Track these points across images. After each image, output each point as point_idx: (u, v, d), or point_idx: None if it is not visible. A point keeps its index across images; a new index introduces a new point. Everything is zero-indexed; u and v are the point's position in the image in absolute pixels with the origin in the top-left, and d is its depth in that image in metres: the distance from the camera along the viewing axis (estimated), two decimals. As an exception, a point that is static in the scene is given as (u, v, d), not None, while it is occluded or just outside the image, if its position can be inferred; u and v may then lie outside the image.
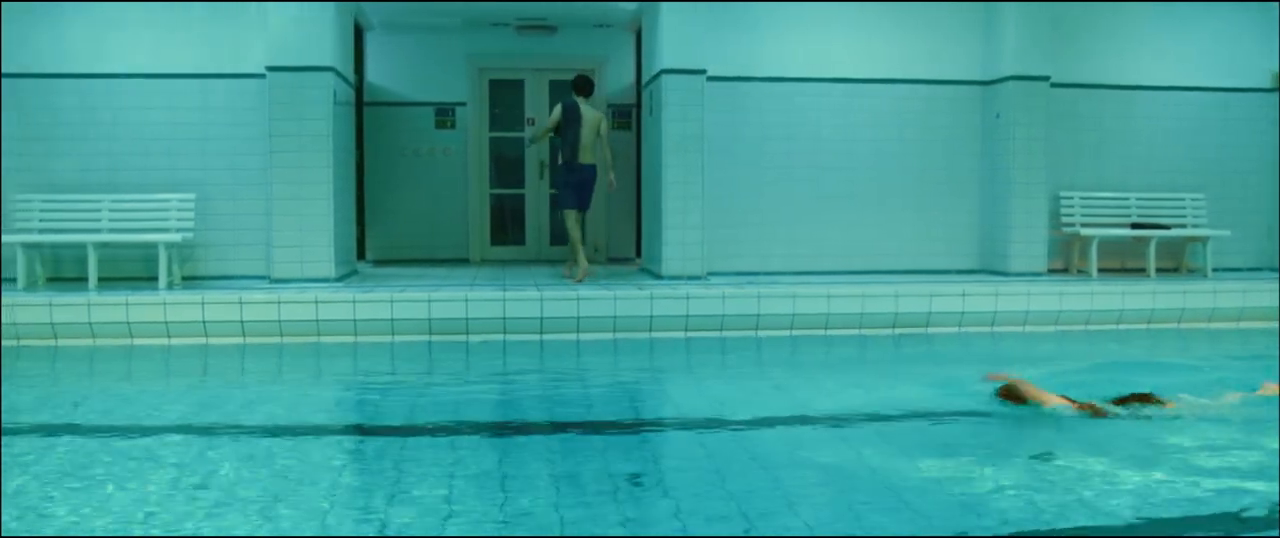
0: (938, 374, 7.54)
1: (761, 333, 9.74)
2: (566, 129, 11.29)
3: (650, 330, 9.60)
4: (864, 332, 9.83)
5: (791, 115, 11.93)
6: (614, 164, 11.87)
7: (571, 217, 11.53)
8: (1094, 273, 11.68)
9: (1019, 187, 11.65)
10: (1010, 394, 6.20)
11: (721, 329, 9.71)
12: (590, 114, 11.31)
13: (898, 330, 9.89)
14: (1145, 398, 6.11)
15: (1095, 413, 5.92)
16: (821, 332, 9.79)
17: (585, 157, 11.33)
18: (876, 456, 5.25)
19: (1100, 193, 12.23)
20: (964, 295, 10.10)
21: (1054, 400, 6.05)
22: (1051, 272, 11.89)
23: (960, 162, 12.15)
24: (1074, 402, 6.05)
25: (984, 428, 5.92)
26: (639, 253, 13.52)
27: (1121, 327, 10.25)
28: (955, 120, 12.13)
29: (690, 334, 9.63)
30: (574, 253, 11.43)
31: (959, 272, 11.99)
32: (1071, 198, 12.11)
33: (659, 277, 11.15)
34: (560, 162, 11.47)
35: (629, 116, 14.15)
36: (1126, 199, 12.21)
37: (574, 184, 11.43)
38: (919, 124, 12.09)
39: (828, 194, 12.00)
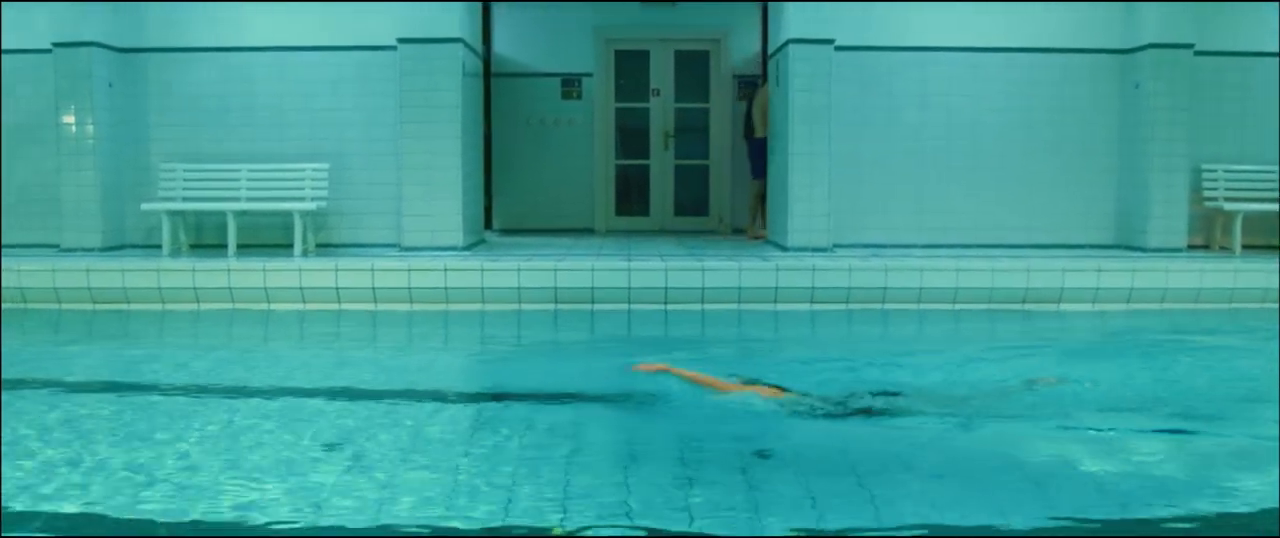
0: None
1: (888, 306, 9.60)
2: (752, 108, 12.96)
3: (775, 302, 9.54)
4: (993, 307, 9.63)
5: (921, 85, 11.71)
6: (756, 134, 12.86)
7: (754, 185, 13.00)
8: (1237, 250, 11.26)
9: (1158, 159, 11.28)
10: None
11: (847, 302, 9.60)
12: (762, 94, 12.59)
13: (1028, 306, 9.66)
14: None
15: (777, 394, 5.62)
16: (949, 306, 9.62)
17: (758, 131, 12.60)
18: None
19: (1245, 166, 11.76)
20: (1099, 271, 9.81)
21: (726, 387, 5.72)
22: (1191, 248, 11.49)
23: (1096, 133, 11.80)
24: (763, 387, 5.70)
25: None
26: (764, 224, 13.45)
27: (1267, 305, 9.84)
28: (1092, 90, 11.77)
29: (815, 306, 9.55)
30: (751, 215, 13.12)
31: (1093, 247, 11.67)
32: (1214, 171, 11.67)
33: (784, 248, 11.08)
34: None
35: (754, 87, 14.05)
36: (1273, 172, 11.71)
37: (749, 155, 13.00)
38: (1053, 94, 11.76)
39: (958, 166, 11.77)
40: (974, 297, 9.67)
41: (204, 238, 11.51)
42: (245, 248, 10.99)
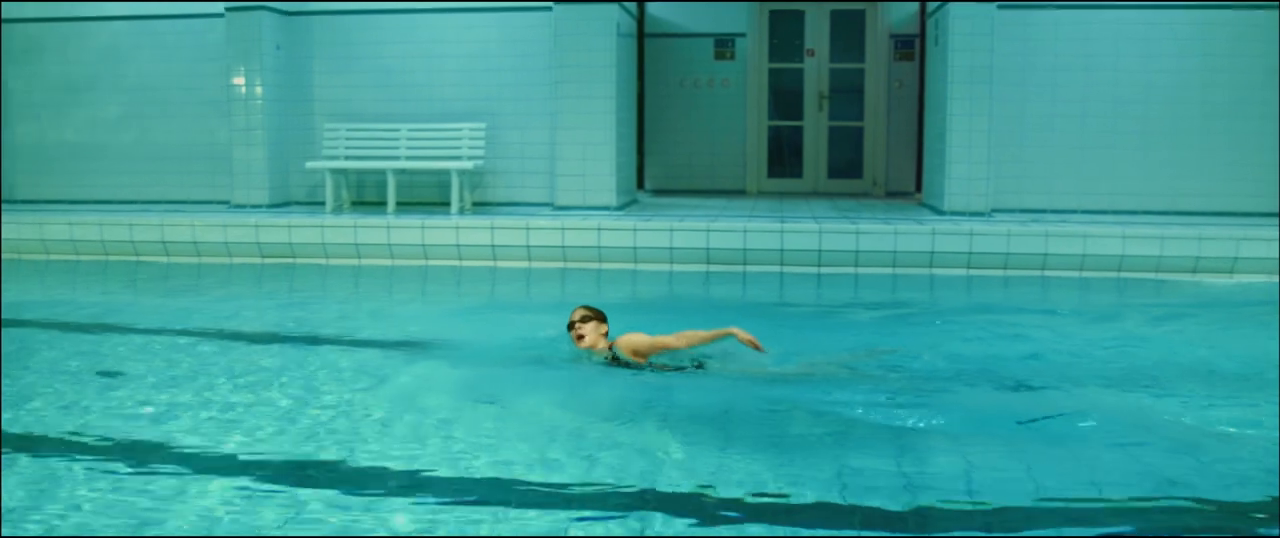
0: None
1: (1048, 273, 9.34)
2: None
3: (930, 267, 9.38)
4: (1161, 276, 9.28)
5: (1086, 44, 11.28)
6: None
7: None
8: None
9: (1344, 122, 10.68)
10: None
11: (1005, 268, 9.37)
12: None
13: (1198, 276, 9.28)
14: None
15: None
16: (1114, 274, 9.30)
17: None
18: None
19: None
20: (1275, 241, 9.35)
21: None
22: (1377, 216, 10.87)
23: (1275, 94, 11.20)
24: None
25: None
26: (918, 187, 13.20)
27: None
28: (1269, 48, 11.17)
29: (972, 272, 9.35)
30: None
31: (1268, 215, 11.11)
32: (1405, 135, 11.00)
33: (941, 212, 10.85)
34: None
35: (912, 47, 13.77)
36: None
37: None
38: (1228, 53, 11.18)
39: (1124, 129, 11.32)
40: (1140, 265, 9.33)
41: (364, 195, 11.82)
42: (403, 205, 11.25)
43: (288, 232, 9.97)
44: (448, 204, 11.15)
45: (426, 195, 11.69)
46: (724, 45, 14.04)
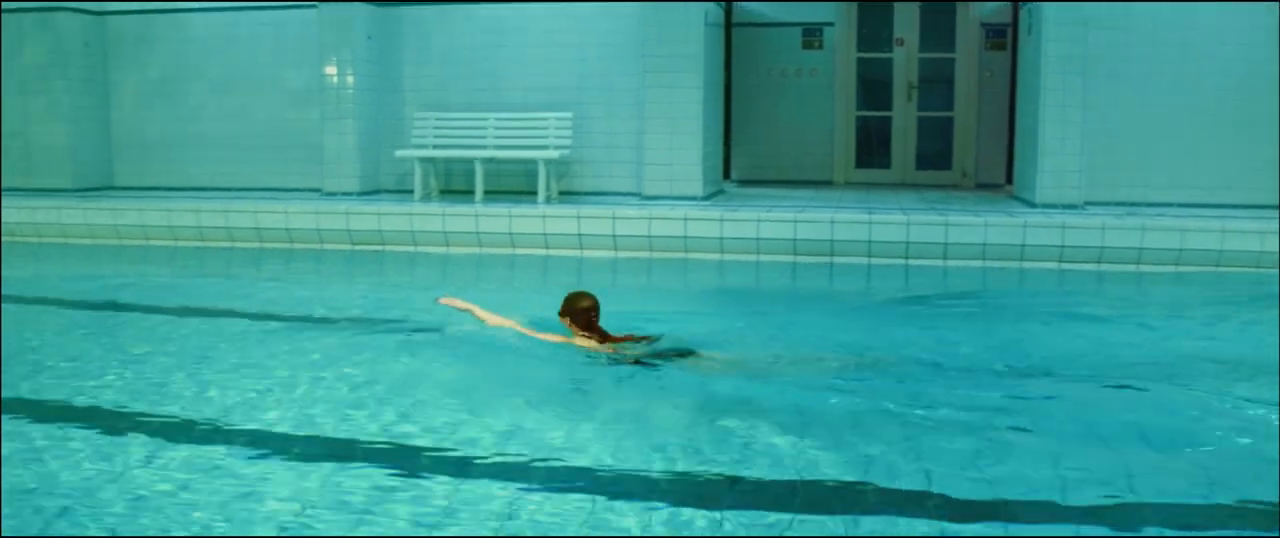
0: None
1: (1143, 268, 9.15)
2: None
3: (1021, 260, 9.24)
4: (1261, 270, 9.04)
5: (1186, 33, 10.99)
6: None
7: None
8: None
9: None
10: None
11: (1099, 262, 9.20)
12: None
13: (1301, 270, 9.03)
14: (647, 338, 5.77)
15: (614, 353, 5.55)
16: (1213, 269, 9.08)
17: None
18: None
19: None
20: (1386, 236, 9.06)
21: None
22: None
23: (1387, 85, 10.83)
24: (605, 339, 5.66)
25: None
26: (1009, 179, 12.98)
27: None
28: (1382, 38, 10.81)
29: (1064, 266, 9.20)
30: None
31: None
32: None
33: (1032, 204, 10.66)
34: None
35: (1003, 36, 13.54)
36: None
37: None
38: (1337, 43, 10.86)
39: (1225, 120, 11.00)
40: (1239, 260, 9.11)
41: (452, 184, 11.94)
42: (491, 194, 11.35)
43: (377, 219, 10.12)
44: (535, 193, 11.23)
45: (514, 184, 11.78)
46: (812, 35, 13.94)
